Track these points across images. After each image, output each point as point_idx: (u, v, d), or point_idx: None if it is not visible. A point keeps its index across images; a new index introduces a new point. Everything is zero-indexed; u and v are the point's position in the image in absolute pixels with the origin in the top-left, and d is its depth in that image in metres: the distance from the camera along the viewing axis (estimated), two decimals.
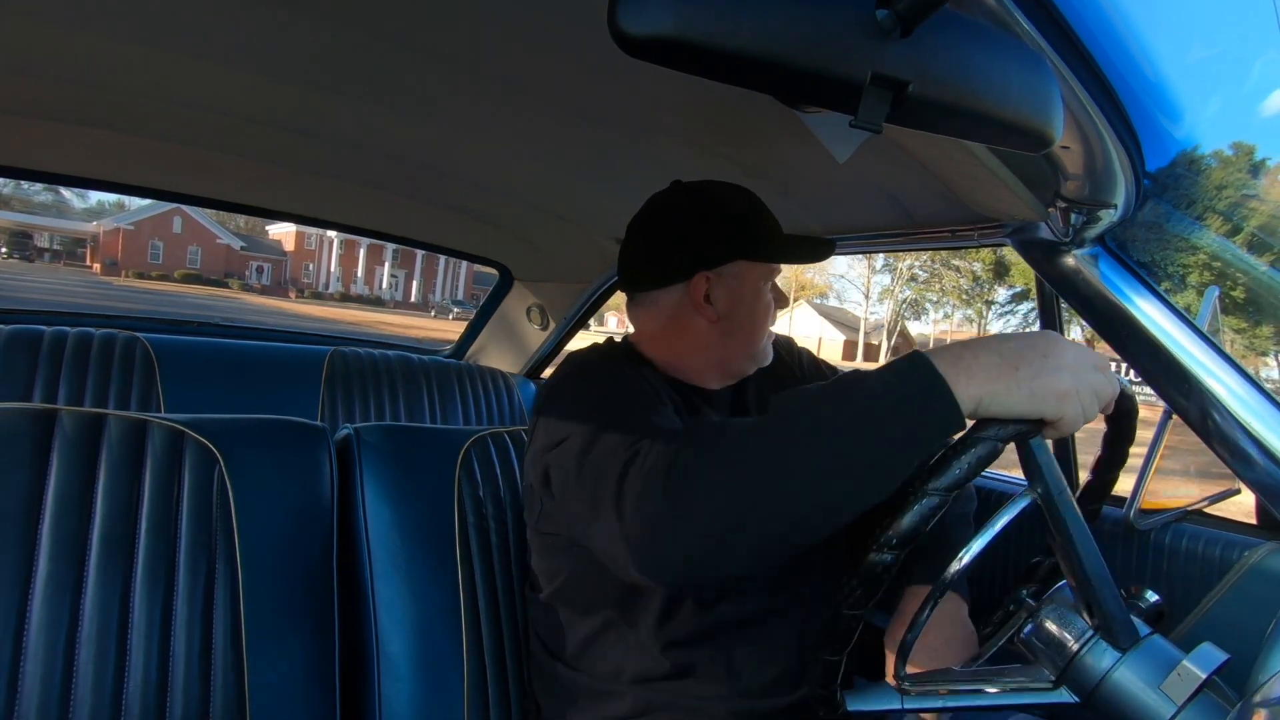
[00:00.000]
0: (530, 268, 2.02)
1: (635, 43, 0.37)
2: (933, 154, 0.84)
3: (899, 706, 0.63)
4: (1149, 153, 0.72)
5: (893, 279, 30.41)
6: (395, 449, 0.98)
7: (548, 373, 2.29)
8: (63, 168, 1.44)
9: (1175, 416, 0.90)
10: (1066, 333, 0.94)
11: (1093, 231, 0.87)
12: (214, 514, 0.83)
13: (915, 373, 0.55)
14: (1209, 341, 0.85)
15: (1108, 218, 0.83)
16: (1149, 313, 0.86)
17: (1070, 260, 0.91)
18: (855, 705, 0.65)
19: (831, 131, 0.80)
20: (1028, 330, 0.59)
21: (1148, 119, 0.66)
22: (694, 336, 0.88)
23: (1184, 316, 0.86)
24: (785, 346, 1.03)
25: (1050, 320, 1.28)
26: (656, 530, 0.59)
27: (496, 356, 2.29)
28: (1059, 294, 0.98)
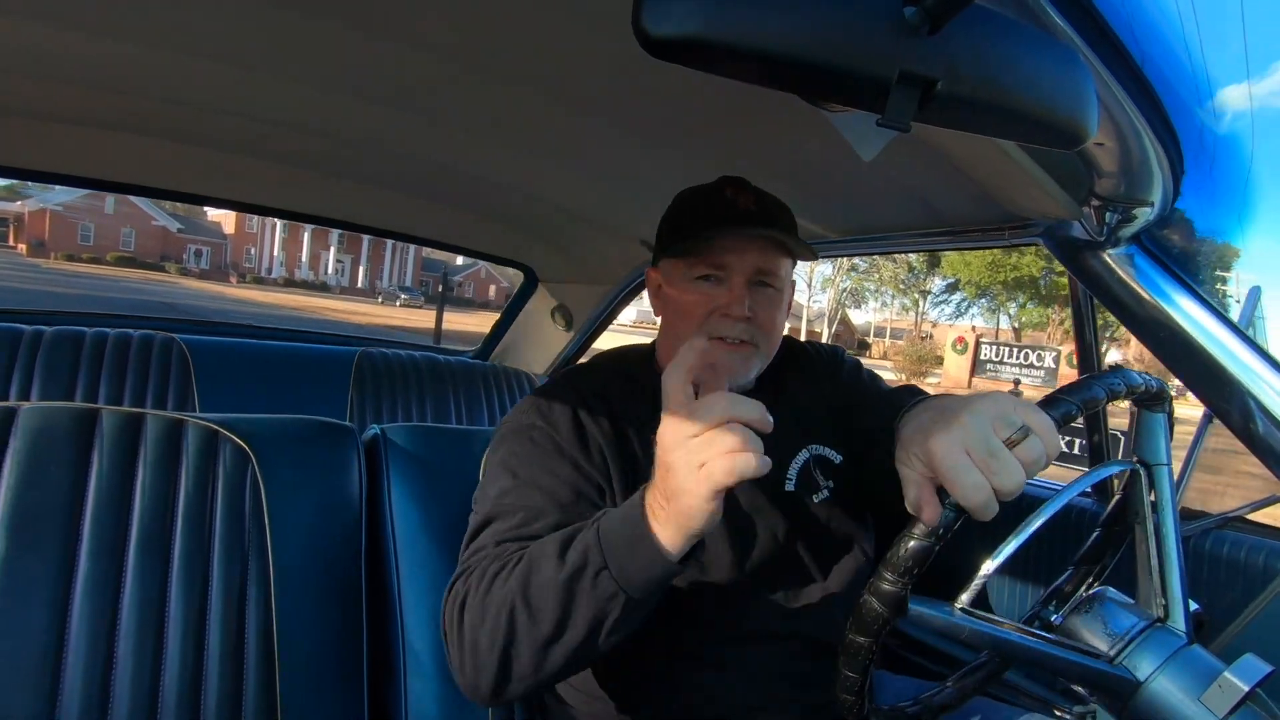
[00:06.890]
0: (555, 269, 2.04)
1: (659, 44, 0.37)
2: (962, 152, 0.83)
3: (951, 620, 0.59)
4: (1187, 149, 0.70)
5: (834, 269, 29.97)
6: (421, 449, 0.99)
7: None
8: (64, 168, 1.47)
9: (1215, 420, 0.88)
10: (1100, 334, 0.92)
11: (1128, 230, 0.84)
12: (247, 512, 0.84)
13: (628, 529, 0.60)
14: (1251, 342, 0.82)
15: (1144, 216, 0.80)
16: (1189, 312, 0.84)
17: (1105, 260, 0.88)
18: (914, 606, 0.61)
19: (858, 130, 0.79)
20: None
21: (1186, 113, 0.64)
22: (662, 330, 0.91)
23: (1225, 317, 0.83)
24: (823, 353, 0.98)
25: (1083, 321, 1.25)
26: (461, 667, 0.70)
27: (521, 357, 2.31)
28: (1093, 294, 0.96)
